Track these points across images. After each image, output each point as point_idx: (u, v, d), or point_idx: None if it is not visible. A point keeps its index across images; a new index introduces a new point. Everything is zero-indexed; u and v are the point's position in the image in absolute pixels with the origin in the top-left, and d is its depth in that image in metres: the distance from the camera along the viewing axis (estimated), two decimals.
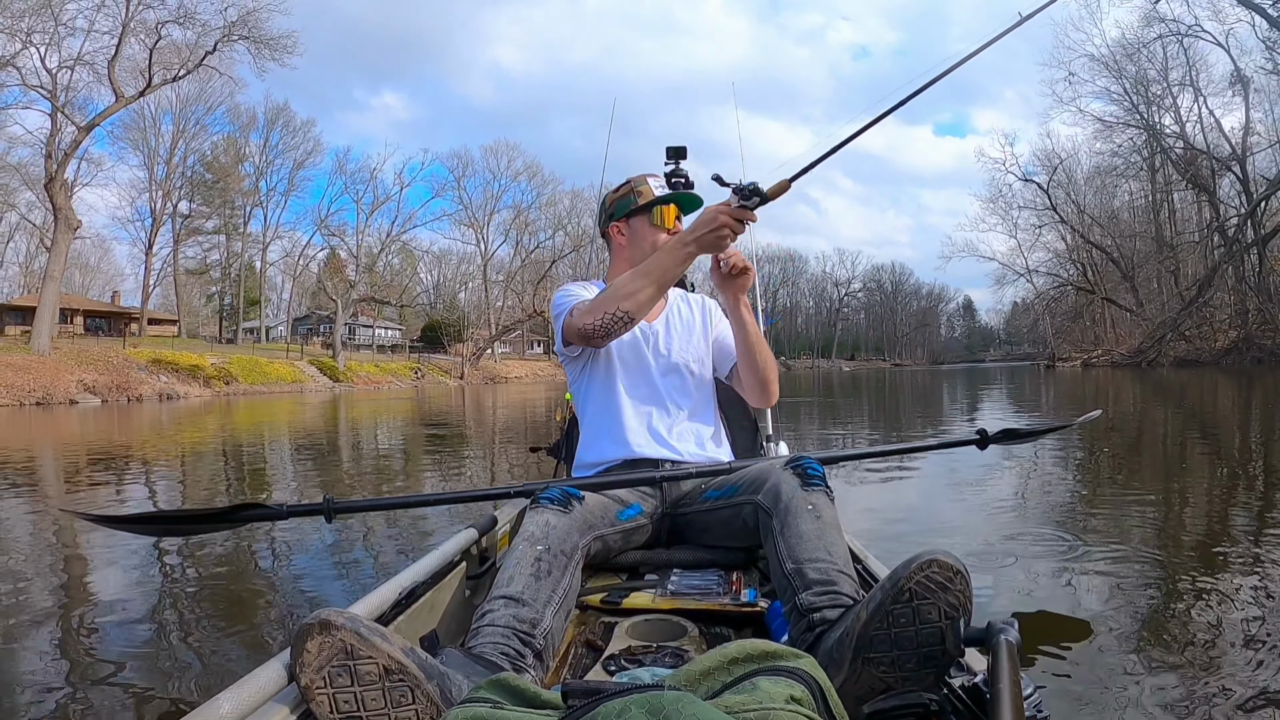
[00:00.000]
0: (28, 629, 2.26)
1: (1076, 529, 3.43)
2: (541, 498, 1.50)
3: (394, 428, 12.15)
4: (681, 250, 1.64)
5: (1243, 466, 5.39)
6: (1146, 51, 37.77)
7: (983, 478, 4.81)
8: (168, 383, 28.37)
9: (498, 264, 59.61)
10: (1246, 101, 36.24)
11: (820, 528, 1.35)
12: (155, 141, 44.29)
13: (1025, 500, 4.16)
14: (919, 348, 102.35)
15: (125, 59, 30.15)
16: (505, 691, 0.85)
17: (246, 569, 2.89)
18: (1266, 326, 32.25)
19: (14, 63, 28.59)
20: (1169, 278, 40.31)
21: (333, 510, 1.71)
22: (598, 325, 1.69)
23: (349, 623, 0.95)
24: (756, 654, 0.86)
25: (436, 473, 6.56)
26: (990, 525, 3.51)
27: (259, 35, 31.92)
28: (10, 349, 26.91)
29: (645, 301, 1.68)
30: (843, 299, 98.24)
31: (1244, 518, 3.67)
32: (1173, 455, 6.17)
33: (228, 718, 0.91)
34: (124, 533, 2.20)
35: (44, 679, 1.84)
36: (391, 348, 58.53)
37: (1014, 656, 0.90)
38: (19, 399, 22.63)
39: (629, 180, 1.95)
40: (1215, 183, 37.80)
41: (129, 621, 2.30)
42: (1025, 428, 2.37)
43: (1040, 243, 49.32)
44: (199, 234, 50.20)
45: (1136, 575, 2.68)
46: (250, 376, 32.79)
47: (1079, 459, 5.93)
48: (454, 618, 1.56)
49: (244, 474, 6.66)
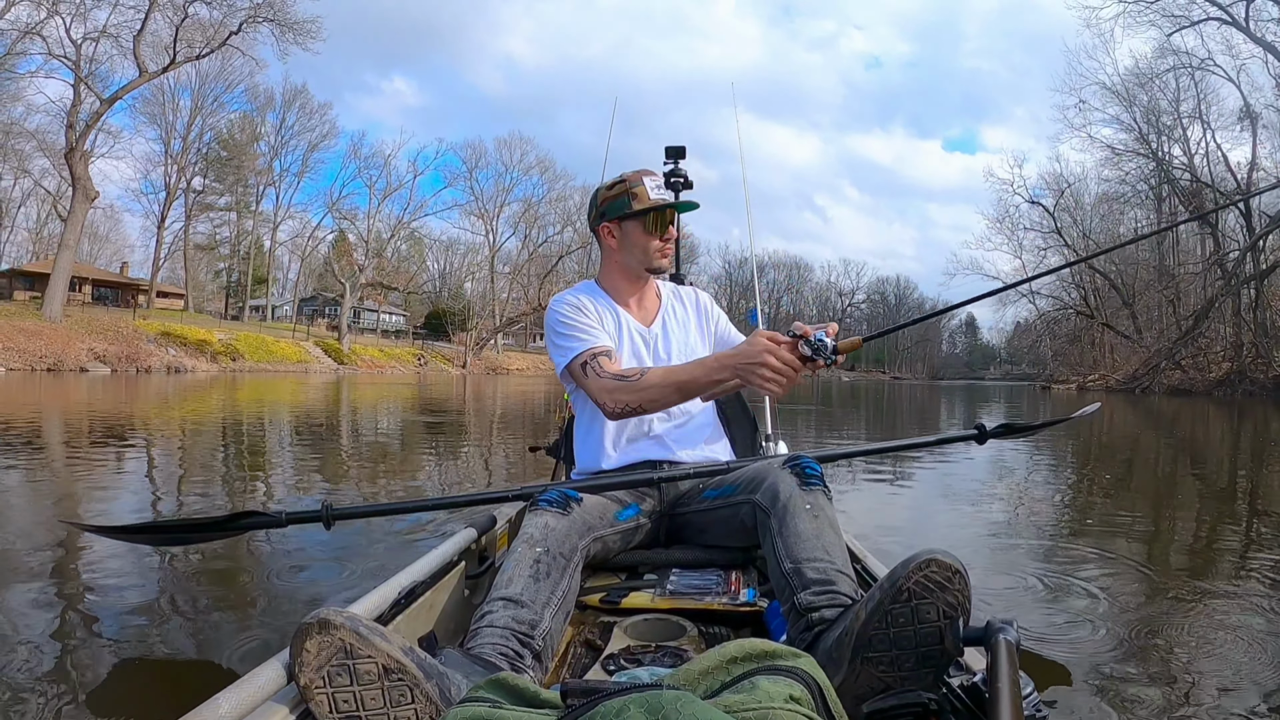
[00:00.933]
0: (18, 624, 2.20)
1: (1075, 533, 3.46)
2: (540, 500, 1.48)
3: (396, 413, 12.14)
4: (719, 374, 1.52)
5: (1229, 486, 5.41)
6: (1159, 82, 37.83)
7: (981, 486, 4.82)
8: (176, 356, 28.51)
9: (505, 256, 59.66)
10: (1254, 137, 36.27)
11: (818, 527, 1.34)
12: (173, 116, 44.24)
13: (1024, 505, 4.20)
14: (919, 362, 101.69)
15: (149, 34, 30.20)
16: (504, 691, 0.84)
17: (245, 568, 2.86)
18: (1260, 360, 32.30)
19: (39, 31, 28.64)
20: (1168, 307, 40.30)
21: (332, 517, 1.69)
22: (616, 409, 1.64)
23: (348, 622, 0.94)
24: (755, 653, 0.85)
25: (436, 460, 6.56)
26: (989, 529, 3.53)
27: (284, 18, 31.98)
28: (22, 314, 26.99)
29: (667, 406, 1.66)
30: (846, 309, 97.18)
31: (1235, 528, 3.72)
32: (1162, 474, 6.17)
33: (227, 717, 0.90)
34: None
35: (39, 678, 1.79)
36: (395, 333, 58.58)
37: (1013, 656, 0.90)
38: (30, 364, 22.76)
39: (624, 178, 1.82)
40: (1218, 216, 37.85)
41: (125, 620, 2.25)
42: (1023, 422, 2.35)
43: (1045, 264, 49.33)
44: (211, 210, 50.23)
45: (1135, 578, 2.70)
46: (256, 354, 32.88)
47: (1076, 470, 5.93)
48: (453, 618, 1.55)
49: (249, 456, 6.62)
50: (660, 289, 1.98)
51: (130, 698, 1.74)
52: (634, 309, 1.90)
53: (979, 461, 5.85)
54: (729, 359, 1.49)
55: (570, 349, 1.73)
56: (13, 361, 22.39)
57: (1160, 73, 37.26)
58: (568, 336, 1.75)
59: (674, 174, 2.89)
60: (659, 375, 1.61)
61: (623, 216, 1.80)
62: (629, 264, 1.84)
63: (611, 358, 1.71)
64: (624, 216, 1.80)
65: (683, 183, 2.89)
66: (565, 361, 1.73)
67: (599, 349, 1.71)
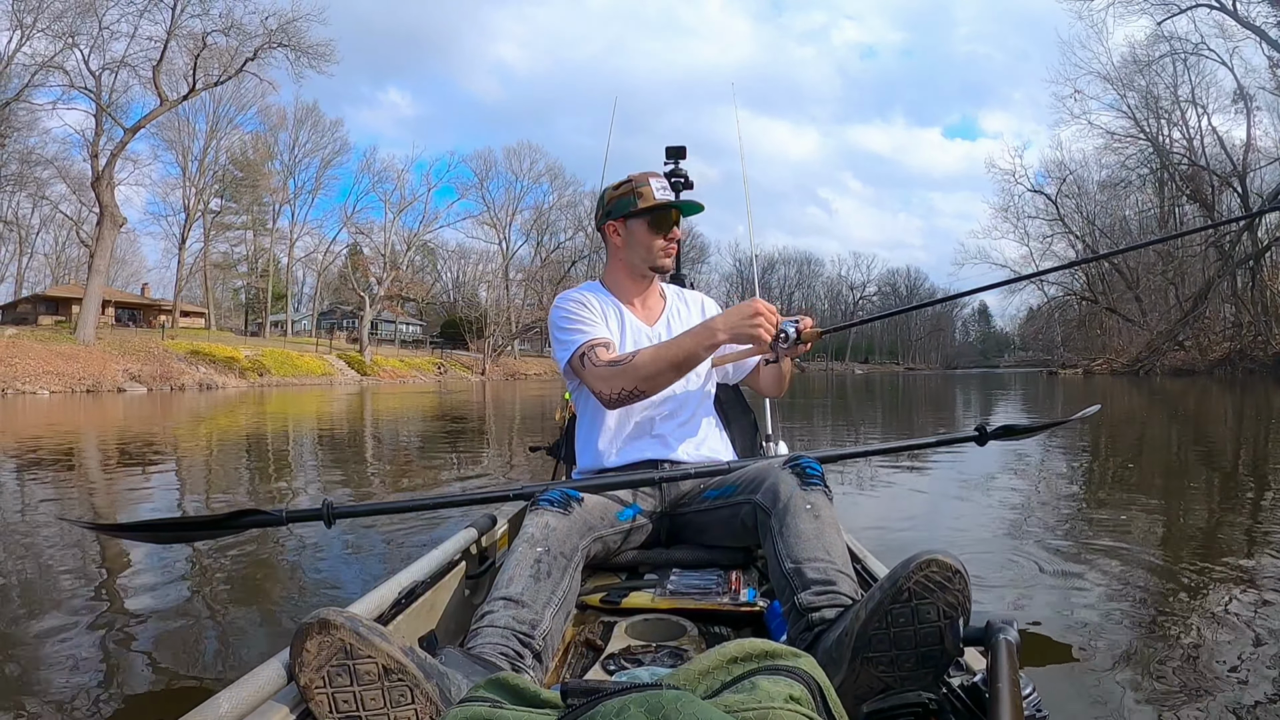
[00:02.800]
0: (18, 624, 2.20)
1: (1074, 532, 3.38)
2: (541, 499, 1.46)
3: (418, 420, 12.21)
4: (709, 338, 1.57)
5: (1233, 469, 5.30)
6: (1155, 68, 37.44)
7: (982, 483, 4.75)
8: (206, 373, 28.72)
9: (518, 263, 59.65)
10: (1249, 118, 35.88)
11: (819, 527, 1.32)
12: (189, 140, 44.39)
13: (1023, 504, 4.09)
14: (933, 352, 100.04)
15: (166, 63, 30.40)
16: (504, 691, 0.83)
17: (245, 568, 2.82)
18: (1259, 339, 32.10)
19: (59, 64, 28.94)
20: (1170, 289, 39.85)
21: (332, 515, 1.65)
22: (612, 396, 1.64)
23: (348, 622, 0.93)
24: (755, 653, 0.84)
25: (455, 459, 6.62)
26: (989, 528, 3.45)
27: (298, 43, 32.08)
28: (56, 338, 27.25)
29: (664, 385, 1.65)
30: (857, 302, 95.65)
31: (1239, 520, 3.62)
32: (1167, 456, 6.08)
33: (227, 717, 0.89)
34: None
35: (39, 678, 1.79)
36: (414, 343, 58.65)
37: (1013, 656, 0.88)
38: (70, 386, 23.07)
39: (630, 178, 1.83)
40: (1215, 198, 37.45)
41: (125, 620, 2.23)
42: (1022, 424, 2.31)
43: (1051, 251, 48.83)
44: (228, 229, 50.38)
45: (1136, 577, 2.63)
46: (282, 369, 33.05)
47: (1074, 461, 5.86)
48: (453, 617, 1.53)
49: (297, 460, 6.95)
50: (665, 290, 1.97)
51: (130, 697, 1.72)
52: (638, 308, 1.88)
53: (984, 449, 5.75)
54: (719, 321, 1.58)
55: (571, 343, 1.72)
56: (54, 385, 22.67)
57: (1155, 59, 36.90)
58: (569, 331, 1.74)
59: (675, 174, 2.85)
60: (650, 353, 1.61)
61: (628, 215, 1.80)
62: (633, 262, 1.83)
63: (609, 348, 1.70)
64: (629, 215, 1.80)
65: (684, 183, 2.85)
66: (566, 356, 1.73)
67: (597, 340, 1.70)
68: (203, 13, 29.98)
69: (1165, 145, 39.30)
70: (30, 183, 35.76)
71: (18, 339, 25.85)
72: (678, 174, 2.86)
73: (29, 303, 41.93)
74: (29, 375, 22.77)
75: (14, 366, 22.82)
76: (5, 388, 21.35)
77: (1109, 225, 46.04)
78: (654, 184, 1.79)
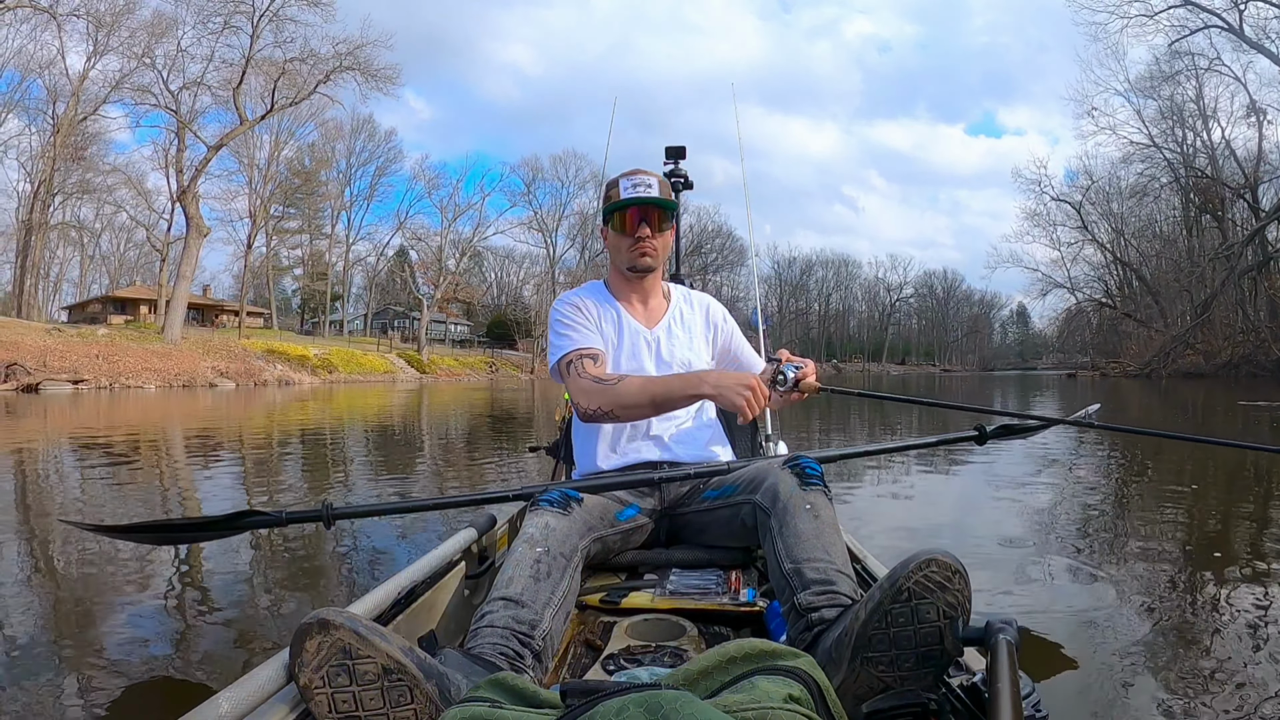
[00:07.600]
0: (19, 623, 2.14)
1: (1074, 532, 3.26)
2: (541, 500, 1.40)
3: (483, 413, 12.55)
4: (695, 389, 1.49)
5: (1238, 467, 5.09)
6: (1172, 83, 36.69)
7: (985, 482, 4.62)
8: (283, 370, 29.45)
9: (563, 265, 59.81)
10: (1260, 132, 35.25)
11: (818, 527, 1.26)
12: (255, 152, 45.26)
13: (1023, 503, 3.93)
14: (970, 353, 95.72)
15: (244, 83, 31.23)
16: (504, 691, 0.81)
17: (245, 567, 2.76)
18: (1263, 345, 31.96)
19: (144, 85, 30.15)
20: (1186, 295, 38.79)
21: (332, 516, 1.59)
22: (589, 410, 1.56)
23: (348, 622, 0.90)
24: (755, 653, 0.81)
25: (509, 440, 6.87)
26: (990, 528, 3.33)
27: (367, 68, 32.67)
28: (148, 339, 28.16)
29: (639, 417, 1.58)
30: (894, 304, 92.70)
31: (1240, 521, 3.48)
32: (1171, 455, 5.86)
33: (226, 717, 0.86)
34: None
35: (39, 678, 1.74)
36: (462, 342, 59.15)
37: (1013, 656, 0.84)
38: (168, 381, 23.87)
39: (615, 180, 1.71)
40: (1228, 208, 36.70)
41: (125, 619, 2.17)
42: (1021, 423, 2.21)
43: (1081, 256, 47.67)
44: (287, 234, 51.24)
45: (1136, 577, 2.52)
46: (349, 366, 33.72)
47: (1075, 461, 5.66)
48: (453, 618, 1.47)
49: (389, 440, 8.03)
50: (672, 292, 1.86)
51: (131, 697, 1.67)
52: (638, 310, 1.78)
53: (983, 449, 5.58)
54: (714, 378, 1.48)
55: (560, 347, 1.65)
56: (154, 380, 23.51)
57: (1171, 74, 36.17)
58: (561, 335, 1.67)
59: (674, 174, 2.76)
60: (636, 385, 1.53)
61: (606, 218, 1.73)
62: (618, 264, 1.75)
63: (598, 360, 1.62)
64: (606, 217, 1.73)
65: (684, 183, 2.75)
66: (554, 359, 1.66)
67: (586, 350, 1.63)
68: (280, 41, 30.73)
69: (1189, 154, 38.47)
70: (100, 190, 37.42)
71: (112, 339, 26.79)
72: (677, 174, 2.77)
73: (99, 303, 42.98)
74: (132, 372, 23.62)
75: (117, 364, 23.69)
76: (113, 382, 22.17)
77: (1137, 231, 44.76)
78: (623, 184, 1.67)
